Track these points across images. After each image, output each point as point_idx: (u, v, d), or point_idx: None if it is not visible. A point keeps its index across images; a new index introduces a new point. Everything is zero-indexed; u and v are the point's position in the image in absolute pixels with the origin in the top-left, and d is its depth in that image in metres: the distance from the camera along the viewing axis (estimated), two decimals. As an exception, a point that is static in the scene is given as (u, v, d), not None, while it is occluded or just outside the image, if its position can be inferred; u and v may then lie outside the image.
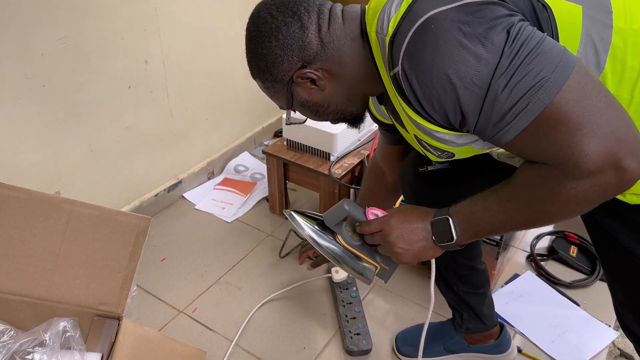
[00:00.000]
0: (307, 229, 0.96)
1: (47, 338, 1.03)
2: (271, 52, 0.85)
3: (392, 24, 0.77)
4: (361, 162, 1.78)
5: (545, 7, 0.76)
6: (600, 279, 1.67)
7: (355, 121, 0.99)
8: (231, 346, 1.43)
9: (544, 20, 0.76)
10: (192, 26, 1.82)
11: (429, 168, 1.05)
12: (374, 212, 0.93)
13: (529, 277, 1.67)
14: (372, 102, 1.07)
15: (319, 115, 0.94)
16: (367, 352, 1.42)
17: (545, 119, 0.69)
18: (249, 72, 0.93)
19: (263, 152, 1.85)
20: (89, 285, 1.08)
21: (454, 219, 0.83)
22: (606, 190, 0.70)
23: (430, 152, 0.91)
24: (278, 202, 1.92)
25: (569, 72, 0.68)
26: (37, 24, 1.37)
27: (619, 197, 0.85)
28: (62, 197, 1.10)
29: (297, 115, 0.97)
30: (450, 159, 0.92)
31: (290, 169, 1.84)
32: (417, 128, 0.83)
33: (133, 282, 1.37)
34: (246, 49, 0.90)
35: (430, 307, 1.00)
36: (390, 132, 1.14)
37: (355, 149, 1.82)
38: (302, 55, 0.84)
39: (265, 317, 1.53)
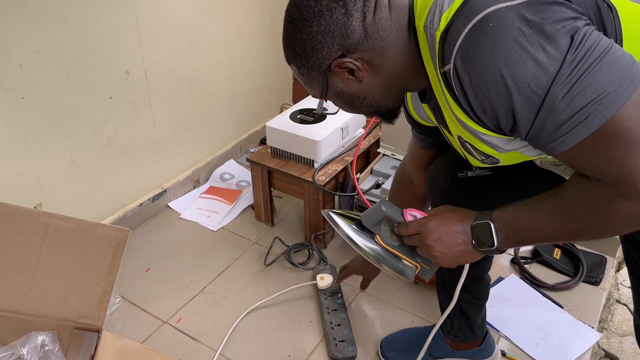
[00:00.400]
0: (347, 228, 0.94)
1: (25, 352, 1.02)
2: (311, 38, 0.79)
3: (444, 18, 0.72)
4: (345, 169, 1.78)
5: (611, 8, 0.72)
6: (584, 281, 1.68)
7: (390, 116, 0.93)
8: (215, 356, 1.42)
9: (608, 23, 0.73)
10: (174, 35, 1.82)
11: (469, 174, 1.02)
12: (412, 214, 0.92)
13: (513, 280, 1.68)
14: (411, 99, 1.03)
15: (352, 107, 0.89)
16: (352, 358, 1.41)
17: (605, 134, 0.65)
18: (284, 56, 0.87)
19: (247, 160, 1.85)
20: (68, 298, 1.08)
21: (496, 224, 0.81)
22: None
23: (474, 156, 0.88)
24: (263, 210, 1.92)
25: (634, 86, 0.64)
26: (15, 36, 1.36)
27: None
28: (39, 210, 1.10)
29: (330, 105, 0.93)
30: (493, 165, 0.89)
31: (274, 177, 1.84)
32: (463, 128, 0.80)
33: (113, 294, 1.36)
34: (284, 31, 0.84)
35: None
36: (425, 134, 1.10)
37: (339, 155, 1.83)
38: (343, 43, 0.79)
39: (250, 326, 1.53)
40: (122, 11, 1.62)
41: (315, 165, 1.76)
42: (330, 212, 0.96)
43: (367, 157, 1.95)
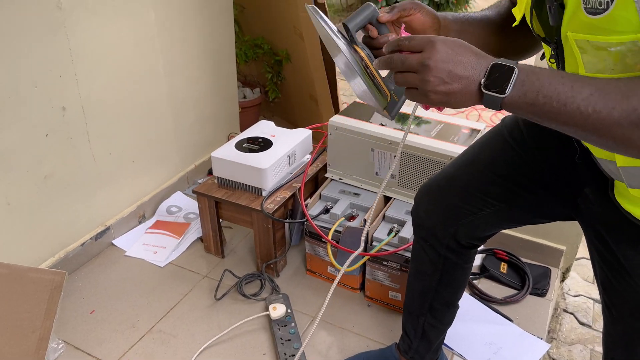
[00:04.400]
0: (330, 25, 0.83)
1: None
2: None
3: None
4: (293, 195, 1.78)
5: None
6: (531, 293, 1.72)
7: None
8: (166, 398, 1.37)
9: None
10: (112, 68, 1.79)
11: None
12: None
13: (463, 297, 1.70)
14: None
15: None
16: (308, 389, 1.39)
17: None
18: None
19: (193, 192, 1.82)
20: (1, 350, 1.01)
21: (520, 75, 0.69)
22: None
23: None
24: (212, 242, 1.88)
25: None
26: (-62, 76, 1.30)
27: None
28: (-34, 257, 1.03)
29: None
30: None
31: (222, 207, 1.81)
32: None
33: (55, 339, 1.29)
34: None
35: None
36: None
37: (287, 182, 1.82)
38: None
39: (202, 364, 1.48)
40: (56, 46, 1.58)
41: (264, 194, 1.75)
42: (313, 6, 0.84)
43: (316, 182, 1.95)
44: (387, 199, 1.80)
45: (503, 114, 0.89)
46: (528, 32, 0.88)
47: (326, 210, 1.73)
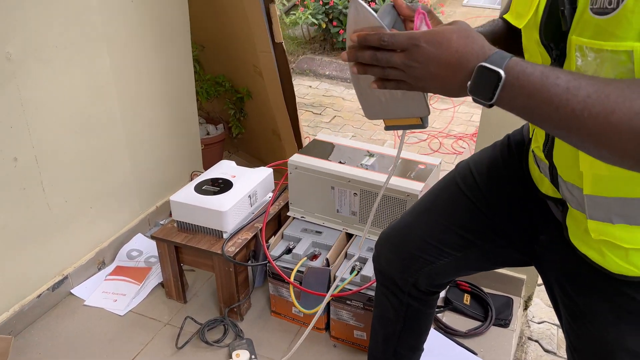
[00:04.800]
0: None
1: None
2: None
3: None
4: (255, 236, 1.77)
5: None
6: (494, 324, 1.74)
7: None
8: None
9: None
10: (67, 116, 1.76)
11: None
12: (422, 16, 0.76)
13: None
14: None
15: None
16: None
17: None
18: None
19: (152, 237, 1.79)
20: None
21: (509, 78, 0.64)
22: None
23: None
24: (174, 287, 1.85)
25: None
26: None
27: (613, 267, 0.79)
28: None
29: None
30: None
31: (183, 252, 1.78)
32: None
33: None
34: None
35: None
36: None
37: (249, 223, 1.81)
38: None
39: (163, 418, 1.44)
40: (6, 98, 1.55)
41: (225, 236, 1.73)
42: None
43: (279, 220, 1.95)
44: (349, 236, 1.80)
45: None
46: (519, 48, 0.86)
47: (288, 250, 1.72)
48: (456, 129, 3.56)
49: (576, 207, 0.82)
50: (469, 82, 0.66)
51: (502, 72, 0.63)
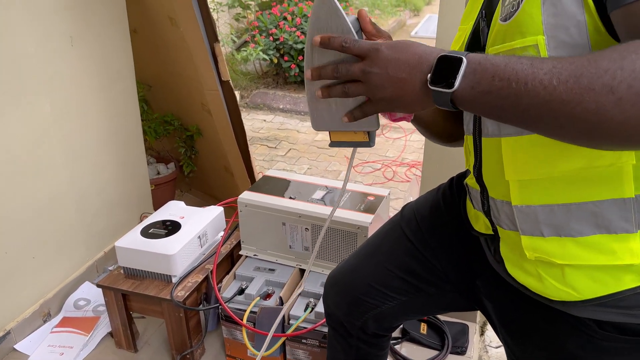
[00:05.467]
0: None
1: None
2: None
3: None
4: (206, 278, 1.73)
5: None
6: (451, 352, 1.74)
7: None
8: None
9: None
10: (3, 164, 1.70)
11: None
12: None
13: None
14: None
15: None
16: None
17: None
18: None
19: (98, 285, 1.72)
20: None
21: (471, 64, 0.63)
22: None
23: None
24: (123, 336, 1.77)
25: None
26: None
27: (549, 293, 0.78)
28: None
29: None
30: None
31: (131, 299, 1.72)
32: None
33: None
34: None
35: None
36: None
37: (200, 264, 1.77)
38: None
39: None
40: None
41: (174, 280, 1.68)
42: None
43: (232, 259, 1.91)
44: (303, 272, 1.78)
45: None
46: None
47: (241, 291, 1.69)
48: (409, 156, 3.62)
49: (509, 227, 0.82)
50: (430, 74, 0.66)
51: (463, 57, 0.64)
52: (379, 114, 0.78)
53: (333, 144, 0.85)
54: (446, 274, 1.03)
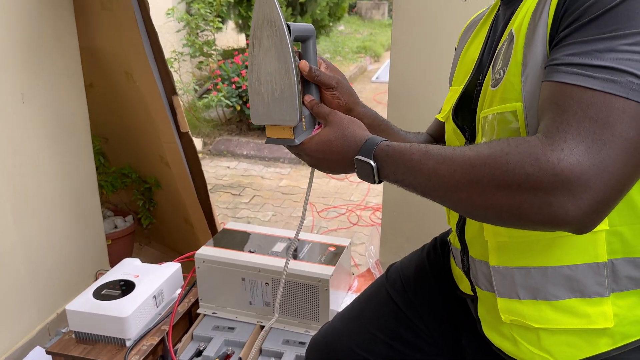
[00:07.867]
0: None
1: None
2: None
3: None
4: (162, 340, 1.65)
5: None
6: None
7: None
8: None
9: None
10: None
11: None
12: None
13: None
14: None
15: None
16: None
17: (613, 107, 0.57)
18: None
19: (47, 352, 1.63)
20: None
21: (380, 162, 0.75)
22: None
23: (495, 63, 0.76)
24: (74, 406, 1.67)
25: None
26: None
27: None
28: None
29: None
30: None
31: (82, 365, 1.63)
32: (527, 27, 0.68)
33: None
34: None
35: None
36: None
37: (156, 325, 1.70)
38: None
39: None
40: None
41: (128, 344, 1.61)
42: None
43: (190, 317, 1.84)
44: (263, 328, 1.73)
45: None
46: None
47: (199, 353, 1.62)
48: (373, 200, 3.63)
49: (486, 288, 0.82)
50: (355, 172, 0.80)
51: (371, 162, 0.75)
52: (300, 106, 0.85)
53: (268, 140, 0.88)
54: (432, 335, 1.02)
